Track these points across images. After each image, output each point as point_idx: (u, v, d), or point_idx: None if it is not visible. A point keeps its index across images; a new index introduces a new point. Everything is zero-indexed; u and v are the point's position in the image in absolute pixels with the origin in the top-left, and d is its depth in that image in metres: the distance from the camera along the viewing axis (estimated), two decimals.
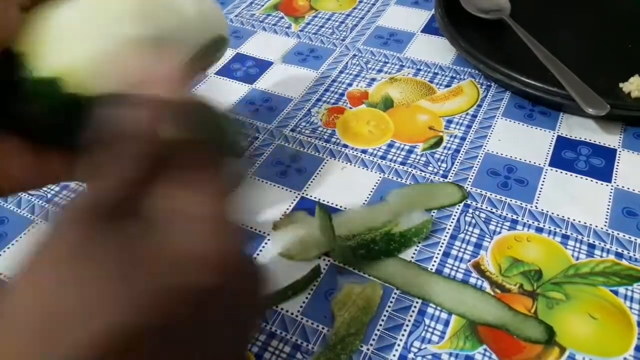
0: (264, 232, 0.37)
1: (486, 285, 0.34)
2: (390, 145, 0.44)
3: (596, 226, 0.37)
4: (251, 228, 0.37)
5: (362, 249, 0.35)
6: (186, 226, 0.18)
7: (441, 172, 0.41)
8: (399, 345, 0.31)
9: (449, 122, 0.46)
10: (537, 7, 0.57)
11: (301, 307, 0.33)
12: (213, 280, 0.18)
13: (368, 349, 0.31)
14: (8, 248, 0.37)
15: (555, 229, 0.37)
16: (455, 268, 0.35)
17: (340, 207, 0.39)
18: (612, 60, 0.50)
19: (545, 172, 0.41)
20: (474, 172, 0.41)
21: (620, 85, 0.47)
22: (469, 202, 0.39)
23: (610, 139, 0.44)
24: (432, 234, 0.37)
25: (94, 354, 0.15)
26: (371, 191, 0.40)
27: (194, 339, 0.18)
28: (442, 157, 0.42)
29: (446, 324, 0.32)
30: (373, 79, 0.51)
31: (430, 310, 0.33)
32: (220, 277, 0.18)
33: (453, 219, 0.38)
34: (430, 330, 0.32)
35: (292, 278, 0.34)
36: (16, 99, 0.23)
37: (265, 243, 0.37)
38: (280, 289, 0.33)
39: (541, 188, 0.40)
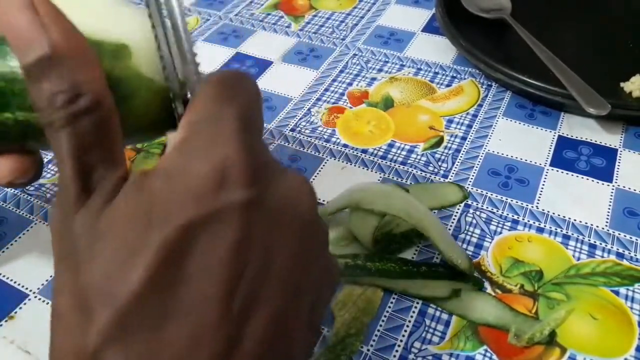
0: None
1: (487, 286, 0.34)
2: (391, 145, 0.44)
3: (597, 226, 0.37)
4: None
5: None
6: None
7: (442, 172, 0.41)
8: (399, 346, 0.31)
9: (450, 121, 0.45)
10: (539, 7, 0.57)
11: None
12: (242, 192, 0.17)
13: (368, 350, 0.31)
14: (7, 248, 0.37)
15: (556, 229, 0.37)
16: None
17: None
18: (613, 60, 0.50)
19: (546, 172, 0.41)
20: (474, 172, 0.41)
21: (622, 84, 0.47)
22: (469, 202, 0.39)
23: (611, 139, 0.44)
24: None
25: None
26: None
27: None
28: (443, 157, 0.42)
29: (447, 324, 0.32)
30: (373, 79, 0.50)
31: (430, 310, 0.33)
32: (252, 188, 0.17)
33: (454, 219, 0.38)
34: (431, 331, 0.32)
35: None
36: None
37: None
38: None
39: (542, 188, 0.40)
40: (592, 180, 0.40)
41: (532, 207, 0.38)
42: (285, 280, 0.17)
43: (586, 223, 0.37)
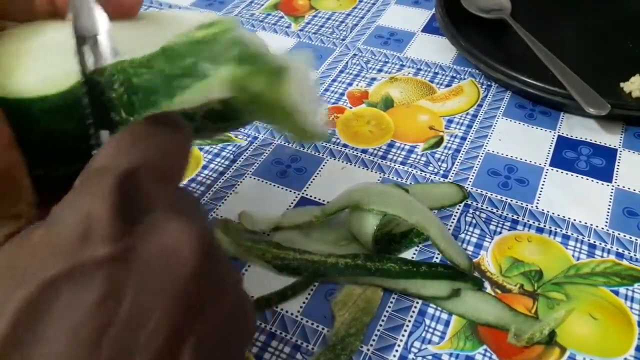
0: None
1: (487, 286, 0.34)
2: (391, 145, 0.44)
3: (597, 226, 0.37)
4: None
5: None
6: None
7: (441, 172, 0.41)
8: (399, 345, 0.31)
9: (450, 121, 0.46)
10: (538, 7, 0.57)
11: (301, 307, 0.33)
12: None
13: (368, 350, 0.31)
14: None
15: (555, 229, 0.37)
16: None
17: None
18: (613, 60, 0.50)
19: (546, 172, 0.41)
20: (474, 172, 0.41)
21: (621, 84, 0.47)
22: (469, 202, 0.39)
23: (611, 139, 0.44)
24: None
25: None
26: None
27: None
28: (443, 157, 0.42)
29: (446, 324, 0.32)
30: (373, 79, 0.50)
31: (430, 310, 0.33)
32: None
33: (453, 219, 0.38)
34: (431, 330, 0.32)
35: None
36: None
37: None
38: (280, 289, 0.33)
39: (542, 188, 0.40)
40: (592, 180, 0.40)
41: (532, 207, 0.38)
42: (160, 336, 0.17)
43: (586, 223, 0.37)
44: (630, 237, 0.36)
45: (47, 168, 0.23)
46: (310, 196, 0.40)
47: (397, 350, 0.31)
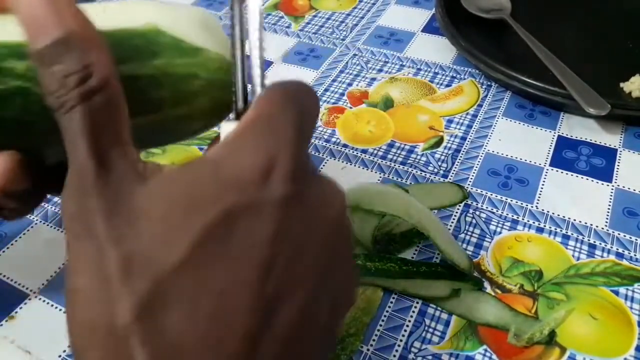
0: None
1: (487, 286, 0.34)
2: (391, 145, 0.44)
3: (597, 226, 0.37)
4: None
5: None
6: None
7: (441, 172, 0.41)
8: (399, 345, 0.31)
9: (450, 121, 0.46)
10: (538, 7, 0.57)
11: None
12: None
13: (368, 350, 0.31)
14: (7, 248, 0.37)
15: (555, 229, 0.37)
16: None
17: None
18: (613, 60, 0.50)
19: (546, 172, 0.41)
20: (474, 172, 0.41)
21: (621, 84, 0.47)
22: (469, 202, 0.39)
23: (611, 139, 0.44)
24: None
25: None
26: None
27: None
28: (443, 157, 0.42)
29: (446, 324, 0.32)
30: (373, 79, 0.50)
31: (430, 310, 0.33)
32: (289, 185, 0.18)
33: (453, 219, 0.38)
34: (431, 330, 0.32)
35: None
36: None
37: None
38: None
39: (542, 188, 0.40)
40: (592, 180, 0.40)
41: (532, 207, 0.38)
42: (312, 275, 0.18)
43: (586, 223, 0.37)
44: (630, 237, 0.36)
45: None
46: None
47: (397, 350, 0.31)
